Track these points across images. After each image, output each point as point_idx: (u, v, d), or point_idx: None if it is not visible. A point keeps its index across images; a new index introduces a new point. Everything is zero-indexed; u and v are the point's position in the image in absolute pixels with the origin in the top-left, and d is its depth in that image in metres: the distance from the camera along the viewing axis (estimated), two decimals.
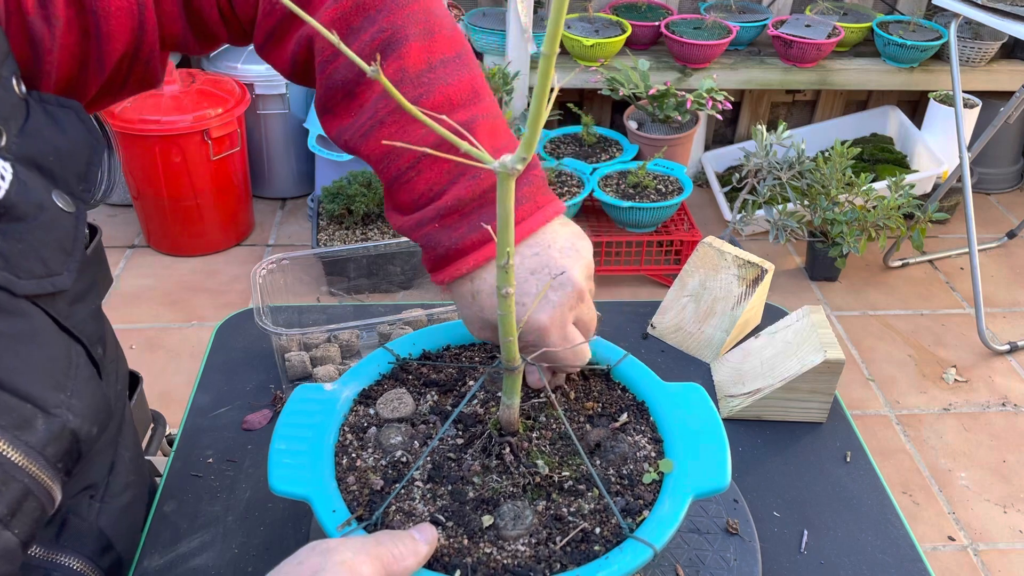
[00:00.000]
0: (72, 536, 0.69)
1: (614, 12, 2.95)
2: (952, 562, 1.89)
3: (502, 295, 0.56)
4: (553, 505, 0.64)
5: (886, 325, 2.62)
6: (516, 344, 0.61)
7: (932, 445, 2.20)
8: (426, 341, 0.80)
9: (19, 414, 0.56)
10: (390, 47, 0.67)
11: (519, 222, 0.67)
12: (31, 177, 0.59)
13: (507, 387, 0.66)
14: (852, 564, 0.78)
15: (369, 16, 0.67)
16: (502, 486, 0.65)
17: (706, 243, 1.03)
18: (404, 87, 0.66)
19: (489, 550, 0.61)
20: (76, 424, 0.60)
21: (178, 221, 2.69)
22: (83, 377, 0.62)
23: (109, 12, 0.64)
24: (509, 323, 0.59)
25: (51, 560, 0.68)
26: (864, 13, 3.09)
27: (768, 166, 2.43)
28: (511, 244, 0.52)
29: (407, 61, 0.67)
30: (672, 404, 0.71)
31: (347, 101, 0.70)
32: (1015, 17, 2.26)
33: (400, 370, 0.77)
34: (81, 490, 0.71)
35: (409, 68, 0.67)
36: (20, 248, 0.57)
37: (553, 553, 0.60)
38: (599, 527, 0.62)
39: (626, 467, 0.67)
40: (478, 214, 0.67)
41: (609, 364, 0.76)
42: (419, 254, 0.75)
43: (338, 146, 0.73)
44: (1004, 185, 3.35)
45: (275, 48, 0.73)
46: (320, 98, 0.72)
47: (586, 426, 0.71)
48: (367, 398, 0.74)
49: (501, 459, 0.67)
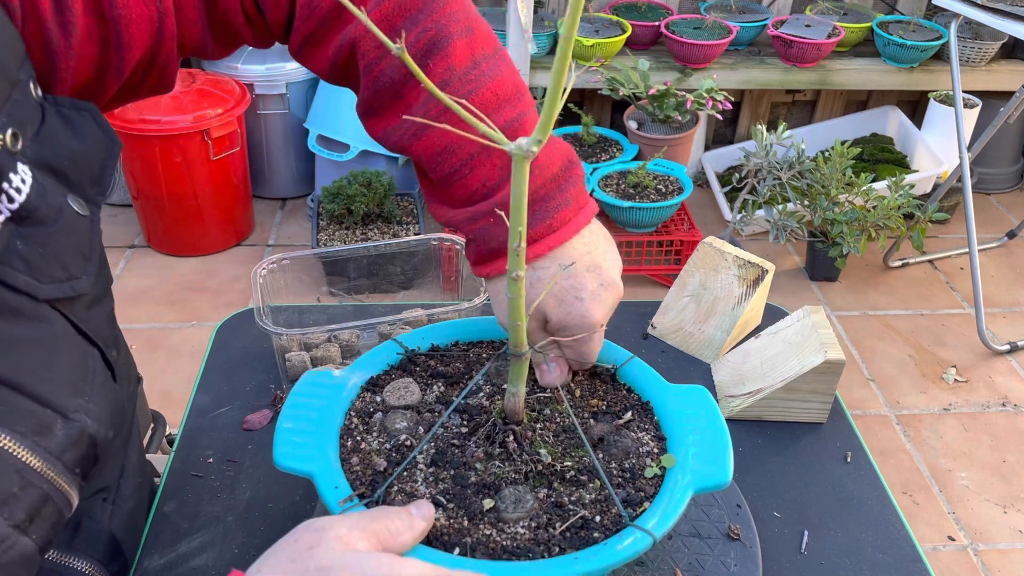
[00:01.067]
0: (85, 539, 0.70)
1: (614, 12, 2.95)
2: (952, 562, 1.89)
3: (512, 278, 0.56)
4: (554, 493, 0.65)
5: (886, 325, 2.62)
6: (524, 329, 0.62)
7: (932, 445, 2.20)
8: (435, 336, 0.81)
9: (39, 420, 0.55)
10: (436, 46, 0.68)
11: (567, 222, 0.70)
12: (48, 181, 0.58)
13: (513, 374, 0.66)
14: (852, 564, 0.78)
15: (411, 16, 0.68)
16: (504, 472, 0.66)
17: (706, 243, 1.03)
18: (453, 85, 0.68)
19: (489, 532, 0.61)
20: (93, 428, 0.60)
21: (178, 221, 2.69)
22: (99, 381, 0.62)
23: (130, 21, 0.63)
24: (518, 307, 0.60)
25: (63, 564, 0.68)
26: (864, 13, 3.09)
27: (768, 166, 2.43)
28: (523, 225, 0.53)
29: (454, 59, 0.68)
30: (676, 404, 0.72)
31: (394, 102, 0.71)
32: (1015, 17, 2.26)
33: (408, 361, 0.78)
34: (94, 493, 0.71)
35: (456, 66, 0.68)
36: (41, 252, 0.57)
37: (552, 537, 0.61)
38: (599, 516, 0.63)
39: (628, 461, 0.68)
40: (531, 211, 0.68)
41: (615, 365, 0.77)
42: (419, 254, 0.76)
43: (384, 146, 0.74)
44: (1004, 185, 3.35)
45: (314, 52, 0.73)
46: (365, 100, 0.72)
47: (590, 421, 0.72)
48: (374, 386, 0.75)
49: (504, 447, 0.68)
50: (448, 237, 1.09)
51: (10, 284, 0.55)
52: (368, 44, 0.69)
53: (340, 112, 2.72)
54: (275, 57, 2.81)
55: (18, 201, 0.55)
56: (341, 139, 2.72)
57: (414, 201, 2.76)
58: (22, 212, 0.55)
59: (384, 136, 0.73)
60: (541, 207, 0.69)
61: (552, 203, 0.69)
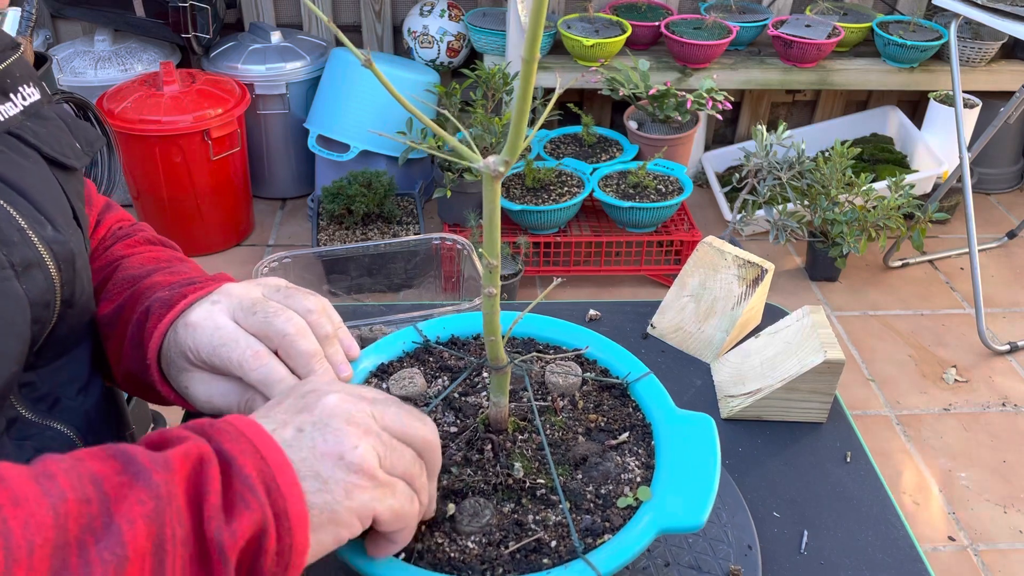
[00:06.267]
0: (62, 412, 0.73)
1: (614, 12, 2.95)
2: (952, 562, 1.89)
3: (486, 295, 0.57)
4: (520, 510, 0.63)
5: (886, 325, 2.62)
6: (500, 344, 0.62)
7: (932, 445, 2.20)
8: (456, 326, 0.80)
9: (35, 218, 0.67)
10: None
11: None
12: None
13: (494, 386, 0.66)
14: (852, 564, 0.78)
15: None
16: (474, 480, 0.65)
17: (706, 243, 1.03)
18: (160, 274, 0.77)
19: (441, 540, 0.61)
20: (76, 249, 0.70)
21: (178, 221, 2.69)
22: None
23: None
24: (493, 323, 0.60)
25: (45, 424, 0.71)
26: (864, 13, 3.09)
27: (768, 166, 2.43)
28: (497, 243, 0.54)
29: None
30: (677, 432, 0.68)
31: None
32: (1015, 17, 2.26)
33: (423, 351, 0.78)
34: (68, 382, 0.74)
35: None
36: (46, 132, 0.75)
37: (499, 557, 0.59)
38: (557, 541, 0.61)
39: (606, 487, 0.65)
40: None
41: (628, 380, 0.75)
42: (420, 254, 0.78)
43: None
44: (1004, 185, 3.35)
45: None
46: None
47: (579, 438, 0.69)
48: (383, 372, 0.75)
49: (482, 454, 0.67)
50: (449, 237, 1.09)
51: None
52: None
53: (340, 112, 2.73)
54: (275, 57, 2.81)
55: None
56: (341, 139, 2.72)
57: (414, 201, 2.76)
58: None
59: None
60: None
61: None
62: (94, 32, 2.86)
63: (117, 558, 0.44)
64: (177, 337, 0.67)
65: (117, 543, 0.44)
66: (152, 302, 0.71)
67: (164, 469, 0.48)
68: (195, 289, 0.71)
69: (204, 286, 0.71)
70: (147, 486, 0.47)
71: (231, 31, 3.01)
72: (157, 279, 0.75)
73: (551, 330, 0.81)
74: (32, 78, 0.73)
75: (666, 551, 0.73)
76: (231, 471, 0.50)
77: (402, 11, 3.12)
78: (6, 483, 0.44)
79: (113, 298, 0.76)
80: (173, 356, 0.68)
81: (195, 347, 0.66)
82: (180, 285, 0.72)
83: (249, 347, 0.65)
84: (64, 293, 0.69)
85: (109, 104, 2.54)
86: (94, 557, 0.43)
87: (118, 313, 0.74)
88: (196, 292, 0.70)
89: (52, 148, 0.72)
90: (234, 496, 0.49)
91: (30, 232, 0.66)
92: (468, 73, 2.54)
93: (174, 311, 0.69)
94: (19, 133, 0.69)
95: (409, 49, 3.00)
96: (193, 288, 0.71)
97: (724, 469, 0.85)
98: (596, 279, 2.70)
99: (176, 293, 0.71)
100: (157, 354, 0.69)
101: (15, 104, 0.70)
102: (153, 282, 0.74)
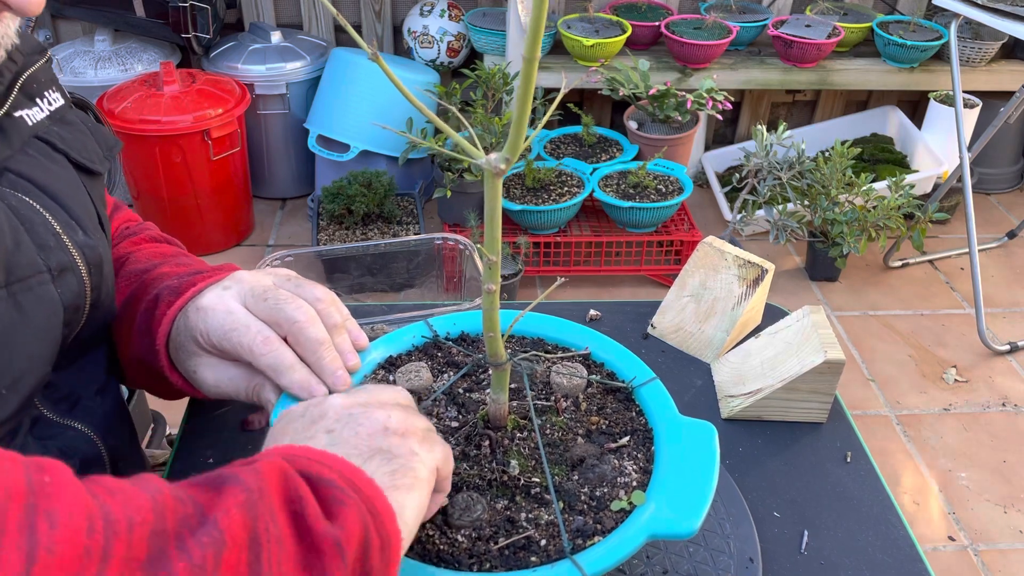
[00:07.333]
0: (82, 412, 0.74)
1: (614, 12, 2.95)
2: (952, 562, 1.89)
3: (486, 291, 0.58)
4: (513, 507, 0.63)
5: (886, 325, 2.62)
6: (500, 340, 0.62)
7: (932, 445, 2.20)
8: (467, 323, 0.81)
9: (68, 224, 0.68)
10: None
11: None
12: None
13: (495, 382, 0.66)
14: (852, 564, 0.79)
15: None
16: (470, 476, 0.65)
17: (706, 243, 1.03)
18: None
19: (432, 532, 0.61)
20: (104, 253, 0.72)
21: (178, 221, 2.69)
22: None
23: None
24: (492, 319, 0.60)
25: (66, 424, 0.72)
26: (864, 13, 3.09)
27: (768, 166, 2.43)
28: (498, 240, 0.55)
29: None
30: (678, 438, 0.68)
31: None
32: (1015, 17, 2.26)
33: (432, 346, 0.78)
34: (88, 383, 0.75)
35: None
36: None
37: (488, 552, 0.60)
38: (546, 539, 0.61)
39: (601, 489, 0.65)
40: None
41: (633, 384, 0.75)
42: (421, 253, 0.78)
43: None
44: (1004, 185, 3.35)
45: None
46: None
47: (578, 439, 0.69)
48: (391, 364, 0.76)
49: (480, 449, 0.67)
50: (451, 237, 1.09)
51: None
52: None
53: (340, 112, 2.73)
54: (275, 57, 2.81)
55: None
56: (341, 139, 2.72)
57: (414, 201, 2.76)
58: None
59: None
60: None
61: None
62: (94, 32, 2.86)
63: (216, 542, 0.44)
64: (188, 321, 0.68)
65: (214, 528, 0.44)
66: (161, 290, 0.72)
67: (254, 473, 0.48)
68: (204, 277, 0.72)
69: (213, 274, 0.72)
70: (237, 484, 0.47)
71: (231, 31, 3.01)
72: (164, 270, 0.76)
73: (560, 331, 0.81)
74: (55, 83, 0.73)
75: (665, 559, 0.73)
76: (312, 479, 0.51)
77: (402, 11, 3.12)
78: (98, 481, 0.44)
79: (121, 290, 0.77)
80: (182, 340, 0.69)
81: (206, 331, 0.67)
82: (188, 275, 0.73)
83: (259, 332, 0.66)
84: (92, 296, 0.70)
85: (109, 104, 2.54)
86: (192, 544, 0.43)
87: (126, 304, 0.75)
88: (206, 279, 0.71)
89: (79, 153, 0.72)
90: (328, 498, 0.50)
91: (64, 237, 0.67)
92: (468, 73, 2.54)
93: (184, 297, 0.70)
94: (47, 138, 0.69)
95: (409, 49, 3.00)
96: (202, 276, 0.72)
97: (727, 473, 0.85)
98: (596, 279, 2.70)
99: (185, 281, 0.72)
100: (166, 340, 0.70)
101: (42, 109, 0.70)
102: (160, 273, 0.75)
